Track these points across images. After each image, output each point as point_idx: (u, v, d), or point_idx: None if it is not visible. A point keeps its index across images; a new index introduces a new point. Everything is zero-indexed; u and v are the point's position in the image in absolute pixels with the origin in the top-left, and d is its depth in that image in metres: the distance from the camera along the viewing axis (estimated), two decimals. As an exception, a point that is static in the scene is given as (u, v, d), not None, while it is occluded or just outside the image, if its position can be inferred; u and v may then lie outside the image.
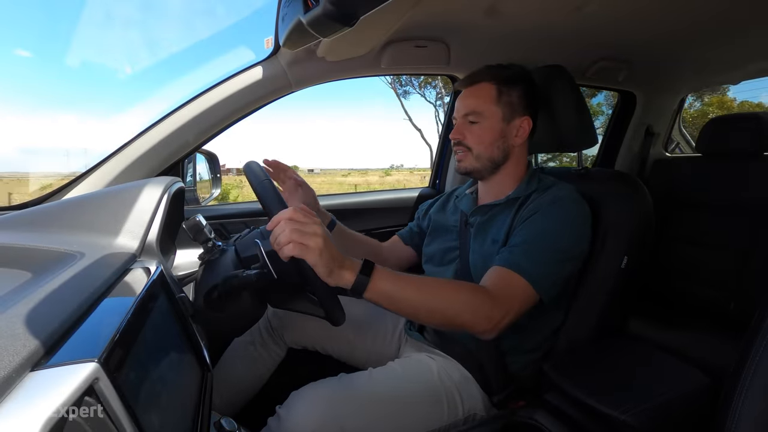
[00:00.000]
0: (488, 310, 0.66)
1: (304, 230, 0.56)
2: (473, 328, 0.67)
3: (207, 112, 1.01)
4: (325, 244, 0.57)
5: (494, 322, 0.66)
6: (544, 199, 0.79)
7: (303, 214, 0.58)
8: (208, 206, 1.21)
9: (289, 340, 0.99)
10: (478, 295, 0.67)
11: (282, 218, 0.57)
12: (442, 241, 0.95)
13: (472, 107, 0.84)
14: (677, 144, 1.94)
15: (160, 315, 0.47)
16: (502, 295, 0.68)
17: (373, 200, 1.44)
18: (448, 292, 0.67)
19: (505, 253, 0.74)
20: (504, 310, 0.67)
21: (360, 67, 1.13)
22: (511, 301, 0.68)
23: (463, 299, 0.66)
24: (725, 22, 1.05)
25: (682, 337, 1.15)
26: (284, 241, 0.56)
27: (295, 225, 0.56)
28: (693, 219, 1.38)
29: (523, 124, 0.84)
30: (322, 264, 0.57)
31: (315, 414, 0.66)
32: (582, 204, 0.80)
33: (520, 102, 0.84)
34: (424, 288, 0.66)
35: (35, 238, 0.54)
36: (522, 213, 0.79)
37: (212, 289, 0.62)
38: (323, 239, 0.57)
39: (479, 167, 0.85)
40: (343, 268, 0.59)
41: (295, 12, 0.66)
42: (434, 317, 0.67)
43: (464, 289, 0.68)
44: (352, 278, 0.60)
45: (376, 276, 0.61)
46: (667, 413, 0.67)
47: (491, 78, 0.83)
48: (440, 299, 0.66)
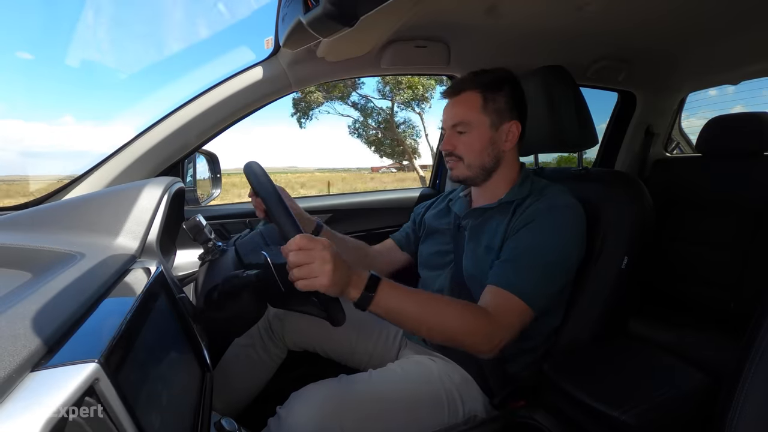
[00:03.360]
0: (488, 332, 0.68)
1: (313, 260, 0.57)
2: (473, 347, 0.69)
3: (207, 112, 1.01)
4: (334, 268, 0.57)
5: (494, 344, 0.68)
6: (540, 206, 0.78)
7: (310, 240, 0.58)
8: (208, 206, 1.21)
9: (290, 343, 0.99)
10: (479, 318, 0.68)
11: (291, 249, 0.58)
12: (436, 244, 0.94)
13: (459, 117, 0.83)
14: (677, 144, 1.94)
15: (161, 315, 0.47)
16: (500, 316, 0.69)
17: (372, 200, 1.44)
18: (450, 312, 0.68)
19: (500, 269, 0.75)
20: (503, 331, 0.69)
21: (360, 67, 1.13)
22: (509, 322, 0.70)
23: (465, 321, 0.67)
24: (725, 22, 1.05)
25: (682, 337, 1.15)
26: (297, 277, 0.58)
27: (303, 257, 0.57)
28: (693, 219, 1.38)
29: (512, 128, 0.83)
30: (333, 289, 0.58)
31: (315, 414, 0.66)
32: (575, 208, 0.80)
33: (507, 106, 0.83)
34: (427, 306, 0.67)
35: (35, 238, 0.54)
36: (516, 220, 0.79)
37: (212, 289, 0.62)
38: (332, 264, 0.57)
39: (471, 175, 0.85)
40: (350, 285, 0.61)
41: (295, 12, 0.66)
42: (434, 335, 0.69)
43: (467, 311, 0.69)
44: (358, 294, 0.62)
45: (381, 291, 0.62)
46: (667, 413, 0.67)
47: (475, 86, 0.82)
48: (442, 318, 0.67)
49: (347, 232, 1.31)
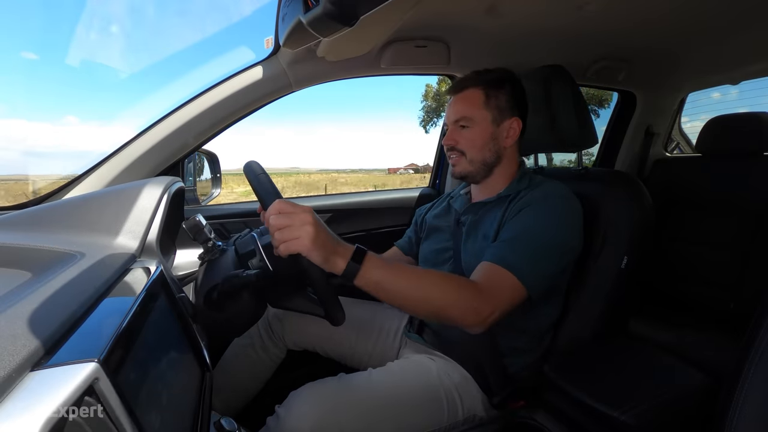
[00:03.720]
0: (476, 303, 0.66)
1: (293, 222, 0.56)
2: (461, 320, 0.67)
3: (207, 111, 1.01)
4: (316, 231, 0.57)
5: (483, 316, 0.66)
6: (534, 194, 0.80)
7: (289, 204, 0.58)
8: (208, 206, 1.21)
9: (290, 342, 0.99)
10: (467, 289, 0.67)
11: (271, 213, 0.57)
12: (435, 242, 0.95)
13: (461, 113, 0.85)
14: (677, 144, 1.94)
15: (160, 315, 0.46)
16: (490, 289, 0.68)
17: (373, 200, 1.44)
18: (438, 283, 0.67)
19: (494, 248, 0.75)
20: (492, 304, 0.67)
21: (360, 67, 1.13)
22: (499, 296, 0.69)
23: (452, 291, 0.66)
24: (726, 21, 1.05)
25: (682, 337, 1.15)
26: (278, 240, 0.57)
27: (283, 219, 0.56)
28: (693, 219, 1.38)
29: (513, 125, 0.85)
30: (316, 253, 0.57)
31: (314, 413, 0.67)
32: (571, 199, 0.80)
33: (508, 104, 0.85)
34: (414, 278, 0.66)
35: (35, 238, 0.54)
36: (512, 208, 0.80)
37: (212, 289, 0.62)
38: (313, 226, 0.57)
39: (473, 170, 0.87)
40: (336, 254, 0.60)
41: (295, 12, 0.66)
42: (422, 307, 0.67)
43: (453, 281, 0.68)
44: (344, 264, 0.60)
45: (368, 263, 0.61)
46: (667, 413, 0.67)
47: (478, 83, 0.85)
48: (429, 290, 0.66)
49: (347, 232, 1.31)
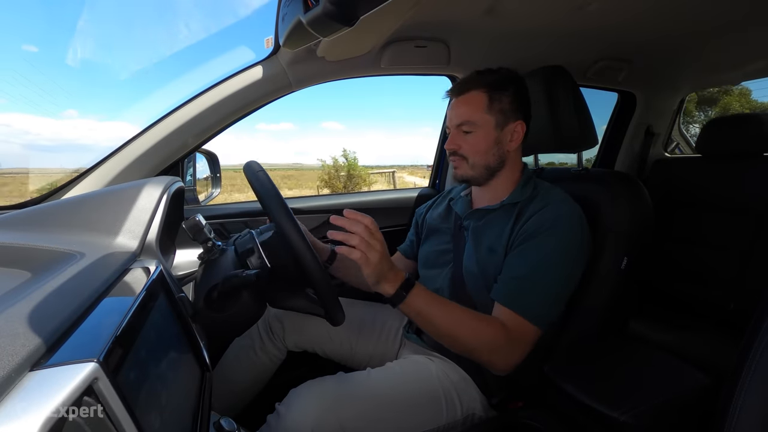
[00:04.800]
0: (506, 353, 0.71)
1: (371, 242, 0.63)
2: (489, 364, 0.72)
3: (207, 111, 1.01)
4: (380, 258, 0.64)
5: (509, 364, 0.71)
6: (545, 216, 0.77)
7: (376, 228, 0.64)
8: (208, 206, 1.21)
9: (289, 343, 0.99)
10: (500, 338, 0.70)
11: (363, 222, 0.63)
12: (436, 243, 0.94)
13: (464, 117, 0.82)
14: (677, 144, 1.94)
15: (160, 315, 0.46)
16: (518, 341, 0.72)
17: (373, 200, 1.44)
18: (475, 326, 0.70)
19: (513, 288, 0.74)
20: (519, 354, 0.72)
21: (360, 67, 1.13)
22: (525, 346, 0.73)
23: (487, 338, 0.70)
24: (725, 22, 1.05)
25: (682, 337, 1.15)
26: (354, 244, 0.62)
27: (368, 236, 0.63)
28: (693, 219, 1.38)
29: (517, 128, 0.83)
30: (372, 276, 0.64)
31: (314, 411, 0.67)
32: (581, 218, 0.79)
33: (512, 106, 0.82)
34: (453, 316, 0.70)
35: (35, 237, 0.54)
36: (521, 227, 0.78)
37: (212, 288, 0.62)
38: (381, 256, 0.64)
39: (475, 175, 0.84)
40: (386, 281, 0.66)
41: (295, 12, 0.66)
42: (455, 344, 0.71)
43: (490, 328, 0.71)
44: (392, 291, 0.67)
45: (413, 294, 0.68)
46: (667, 413, 0.67)
47: (481, 85, 0.81)
48: (466, 331, 0.70)
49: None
